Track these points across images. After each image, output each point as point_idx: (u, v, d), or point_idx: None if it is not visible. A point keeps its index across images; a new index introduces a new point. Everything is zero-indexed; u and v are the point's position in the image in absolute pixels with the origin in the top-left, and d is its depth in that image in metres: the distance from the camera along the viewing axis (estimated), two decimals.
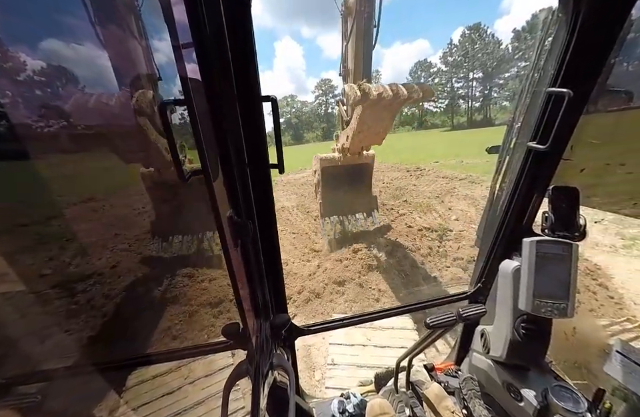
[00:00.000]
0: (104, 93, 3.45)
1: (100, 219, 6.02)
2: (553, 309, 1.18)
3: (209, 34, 0.68)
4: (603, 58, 1.05)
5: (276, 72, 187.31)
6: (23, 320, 2.78)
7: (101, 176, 5.69)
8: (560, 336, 3.37)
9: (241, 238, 0.89)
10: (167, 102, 0.72)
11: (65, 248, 4.94)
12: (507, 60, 62.09)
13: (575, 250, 1.18)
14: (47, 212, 4.90)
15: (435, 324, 1.19)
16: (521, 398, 1.27)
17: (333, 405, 1.58)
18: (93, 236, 5.55)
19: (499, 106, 65.56)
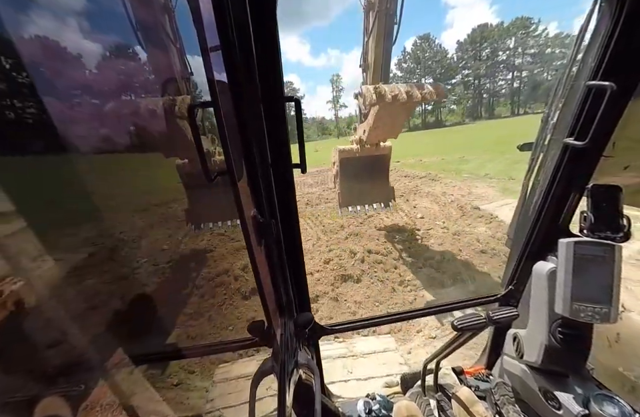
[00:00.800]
0: (151, 100, 3.88)
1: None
2: (593, 313, 1.11)
3: (236, 37, 0.70)
4: None
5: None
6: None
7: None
8: (602, 342, 3.17)
9: (264, 237, 0.90)
10: (195, 105, 0.74)
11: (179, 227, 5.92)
12: (453, 67, 68.24)
13: (617, 252, 1.11)
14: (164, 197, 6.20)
15: (463, 327, 1.16)
16: (559, 405, 1.20)
17: (359, 405, 1.58)
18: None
19: (448, 110, 74.89)
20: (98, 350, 2.97)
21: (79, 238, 6.29)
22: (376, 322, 1.56)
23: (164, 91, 4.89)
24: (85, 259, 5.96)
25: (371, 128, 4.85)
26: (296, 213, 1.12)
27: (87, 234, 6.25)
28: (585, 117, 1.13)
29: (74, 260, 5.88)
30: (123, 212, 7.33)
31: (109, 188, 6.18)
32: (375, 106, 4.39)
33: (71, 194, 4.66)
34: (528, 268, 1.44)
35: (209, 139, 5.83)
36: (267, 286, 0.94)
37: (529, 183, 1.53)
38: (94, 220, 6.42)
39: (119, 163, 5.56)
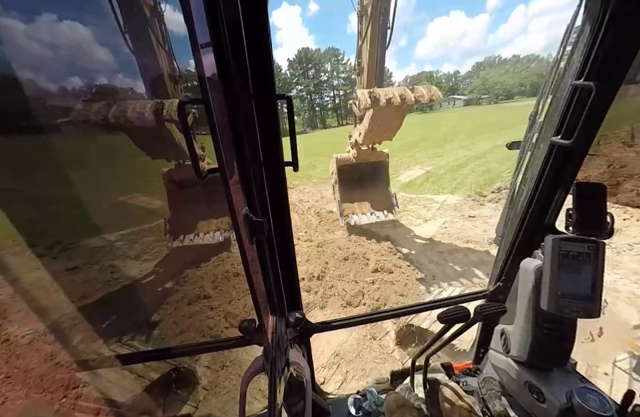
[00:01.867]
0: (138, 102, 3.86)
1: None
2: (577, 309, 1.14)
3: (227, 34, 0.69)
4: (633, 50, 1.00)
5: None
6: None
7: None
8: (585, 336, 3.27)
9: (256, 235, 0.90)
10: (185, 102, 0.73)
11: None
12: (288, 82, 77.97)
13: (601, 248, 1.14)
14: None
15: (447, 319, 1.16)
16: (543, 399, 1.24)
17: (349, 402, 1.59)
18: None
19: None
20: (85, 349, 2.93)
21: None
22: (366, 320, 1.58)
23: (152, 93, 4.91)
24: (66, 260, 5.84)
25: (366, 131, 4.96)
26: (288, 211, 1.12)
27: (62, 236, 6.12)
28: (570, 116, 1.15)
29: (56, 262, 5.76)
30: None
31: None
32: (369, 109, 4.49)
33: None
34: (515, 265, 1.47)
35: (199, 146, 5.84)
36: (258, 284, 0.94)
37: (517, 181, 1.56)
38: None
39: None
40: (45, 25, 3.50)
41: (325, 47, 79.52)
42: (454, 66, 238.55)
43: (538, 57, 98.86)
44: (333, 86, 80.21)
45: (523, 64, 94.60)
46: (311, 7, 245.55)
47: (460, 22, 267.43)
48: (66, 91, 11.24)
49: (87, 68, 4.22)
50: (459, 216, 7.66)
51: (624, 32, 0.97)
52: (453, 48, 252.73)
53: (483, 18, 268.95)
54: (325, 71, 79.11)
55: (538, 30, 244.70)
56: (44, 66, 6.38)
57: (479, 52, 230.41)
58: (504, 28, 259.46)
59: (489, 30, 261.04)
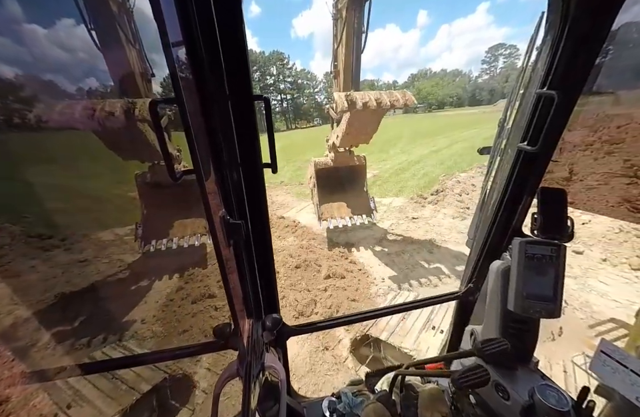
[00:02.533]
0: (108, 102, 3.69)
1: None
2: (540, 309, 1.19)
3: (200, 33, 0.68)
4: (591, 60, 1.06)
5: None
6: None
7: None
8: (547, 336, 3.45)
9: (233, 238, 0.88)
10: (157, 101, 0.71)
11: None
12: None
13: (562, 251, 1.20)
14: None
15: (466, 385, 1.06)
16: (508, 396, 1.28)
17: (324, 405, 1.58)
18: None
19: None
20: (42, 357, 2.75)
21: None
22: (342, 322, 1.58)
23: (123, 92, 4.75)
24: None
25: (343, 133, 4.98)
26: (266, 213, 1.10)
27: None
28: (535, 123, 1.20)
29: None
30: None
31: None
32: (346, 112, 4.51)
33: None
34: (485, 267, 1.52)
35: (175, 147, 5.65)
36: (234, 287, 0.92)
37: (487, 185, 1.62)
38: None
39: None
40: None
41: (269, 51, 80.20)
42: (392, 76, 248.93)
43: (461, 72, 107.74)
44: (280, 89, 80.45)
45: (450, 78, 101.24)
46: (252, 9, 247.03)
47: (395, 35, 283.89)
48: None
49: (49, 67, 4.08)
50: (403, 218, 8.11)
51: (582, 44, 1.03)
52: (390, 59, 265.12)
53: (414, 33, 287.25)
54: (271, 74, 79.31)
55: (460, 47, 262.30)
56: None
57: (414, 65, 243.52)
58: (432, 44, 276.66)
59: (420, 44, 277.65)
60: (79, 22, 4.02)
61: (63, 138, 4.00)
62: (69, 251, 6.37)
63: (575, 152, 1.54)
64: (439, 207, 8.62)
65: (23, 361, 1.08)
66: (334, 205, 6.26)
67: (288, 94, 80.00)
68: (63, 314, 4.35)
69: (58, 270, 5.56)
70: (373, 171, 13.96)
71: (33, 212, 7.43)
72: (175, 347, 1.25)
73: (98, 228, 7.32)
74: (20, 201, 7.97)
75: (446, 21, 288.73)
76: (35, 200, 7.79)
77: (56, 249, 6.34)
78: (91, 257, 6.10)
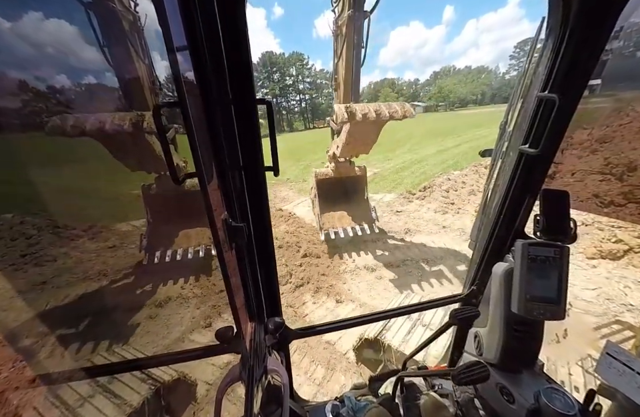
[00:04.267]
0: (118, 114, 3.83)
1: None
2: (545, 311, 1.19)
3: (204, 38, 0.68)
4: (592, 64, 1.07)
5: None
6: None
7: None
8: (552, 338, 3.42)
9: (235, 241, 0.88)
10: (161, 105, 0.72)
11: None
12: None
13: (566, 253, 1.19)
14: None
15: (465, 380, 1.08)
16: (513, 400, 1.27)
17: (327, 409, 1.57)
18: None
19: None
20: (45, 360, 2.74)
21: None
22: (345, 325, 1.58)
23: (130, 106, 4.88)
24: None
25: (343, 144, 5.14)
26: (268, 217, 1.11)
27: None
28: (537, 126, 1.21)
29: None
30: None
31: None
32: (346, 123, 4.62)
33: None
34: (488, 269, 1.52)
35: (181, 159, 5.71)
36: (237, 291, 0.92)
37: (489, 188, 1.62)
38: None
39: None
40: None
41: (290, 51, 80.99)
42: (416, 74, 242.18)
43: (487, 69, 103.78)
44: (299, 90, 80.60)
45: (474, 75, 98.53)
46: (275, 10, 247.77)
47: (419, 32, 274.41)
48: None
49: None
50: (388, 211, 8.75)
51: (583, 48, 1.04)
52: (413, 57, 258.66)
53: (439, 30, 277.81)
54: (290, 75, 79.54)
55: (487, 43, 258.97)
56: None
57: (437, 62, 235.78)
58: (458, 41, 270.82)
59: (445, 41, 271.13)
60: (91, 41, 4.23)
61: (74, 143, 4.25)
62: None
63: (567, 151, 1.55)
64: (425, 202, 9.15)
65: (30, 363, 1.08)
66: (335, 215, 6.41)
67: (307, 95, 79.73)
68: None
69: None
70: (375, 169, 14.24)
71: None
72: (177, 351, 1.25)
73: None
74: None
75: (473, 16, 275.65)
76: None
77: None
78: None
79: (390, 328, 3.05)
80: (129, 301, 4.86)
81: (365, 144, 5.37)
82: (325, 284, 5.30)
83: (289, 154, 22.76)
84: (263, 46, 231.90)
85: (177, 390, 2.88)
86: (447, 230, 7.19)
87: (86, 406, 2.34)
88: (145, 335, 4.15)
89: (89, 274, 5.54)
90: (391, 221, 8.04)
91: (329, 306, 4.79)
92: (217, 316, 4.52)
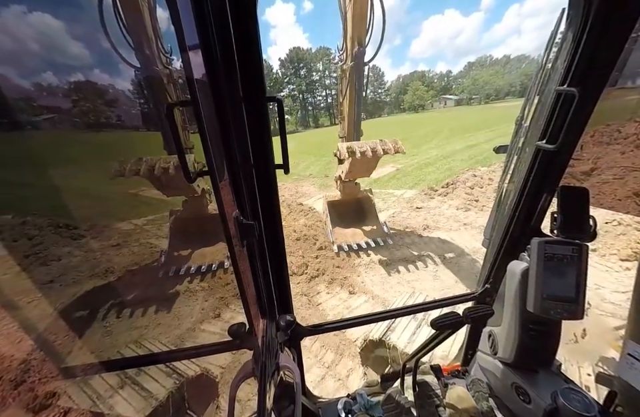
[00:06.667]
0: (161, 158, 4.66)
1: None
2: (562, 310, 1.16)
3: (216, 36, 0.69)
4: (614, 57, 1.03)
5: None
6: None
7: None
8: (569, 337, 3.34)
9: (246, 238, 0.89)
10: (173, 103, 0.73)
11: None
12: (280, 82, 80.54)
13: (584, 251, 1.16)
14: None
15: (442, 325, 1.18)
16: (529, 400, 1.25)
17: (339, 406, 1.58)
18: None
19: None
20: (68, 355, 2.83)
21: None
22: (356, 322, 1.58)
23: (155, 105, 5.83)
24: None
25: (347, 171, 6.17)
26: (279, 214, 1.11)
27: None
28: (555, 121, 1.17)
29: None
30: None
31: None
32: (348, 158, 5.55)
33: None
34: (503, 267, 1.49)
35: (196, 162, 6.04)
36: (248, 288, 0.93)
37: (504, 184, 1.58)
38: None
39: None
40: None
41: (318, 46, 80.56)
42: (449, 66, 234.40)
43: (528, 58, 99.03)
44: (325, 85, 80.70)
45: (513, 65, 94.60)
46: (305, 6, 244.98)
47: (454, 21, 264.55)
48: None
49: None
50: (408, 208, 8.72)
51: (604, 40, 1.00)
52: (446, 47, 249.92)
53: (477, 17, 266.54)
54: (317, 71, 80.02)
55: (531, 30, 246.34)
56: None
57: (472, 52, 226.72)
58: (497, 28, 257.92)
59: (483, 29, 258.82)
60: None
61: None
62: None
63: (603, 146, 1.49)
64: (447, 199, 8.99)
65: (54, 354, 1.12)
66: (347, 232, 6.82)
67: (333, 90, 79.47)
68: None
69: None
70: (398, 165, 14.29)
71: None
72: (191, 346, 1.27)
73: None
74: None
75: (516, 0, 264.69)
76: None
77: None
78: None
79: (395, 328, 3.03)
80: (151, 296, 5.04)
81: (366, 171, 6.27)
82: (340, 276, 5.45)
83: (312, 150, 22.82)
84: (292, 42, 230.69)
85: (193, 384, 2.93)
86: (468, 227, 7.05)
87: (108, 398, 2.40)
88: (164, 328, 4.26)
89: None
90: (409, 217, 7.97)
91: (342, 297, 4.91)
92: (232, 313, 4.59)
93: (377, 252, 6.18)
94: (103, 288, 5.23)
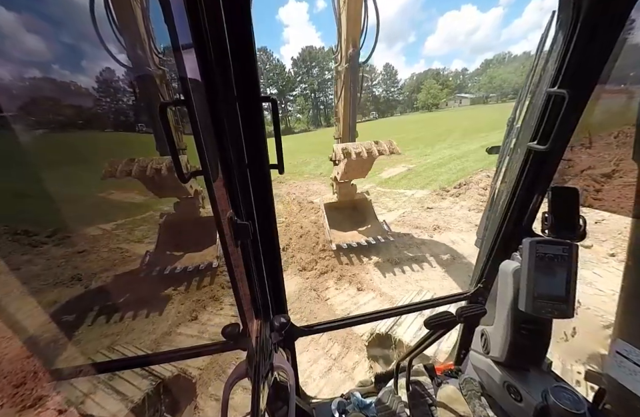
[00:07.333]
0: (153, 159, 4.66)
1: None
2: (552, 309, 1.18)
3: (209, 35, 0.68)
4: (603, 59, 1.05)
5: None
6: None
7: None
8: (560, 336, 3.38)
9: (240, 238, 0.89)
10: (167, 103, 0.72)
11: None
12: (292, 81, 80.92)
13: (574, 251, 1.18)
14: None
15: (434, 324, 1.19)
16: (520, 398, 1.27)
17: (333, 406, 1.58)
18: None
19: (295, 118, 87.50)
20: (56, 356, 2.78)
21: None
22: (352, 322, 1.58)
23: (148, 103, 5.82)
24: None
25: (342, 172, 6.27)
26: (273, 214, 1.11)
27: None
28: (546, 122, 1.19)
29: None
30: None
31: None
32: (344, 160, 5.62)
33: None
34: (495, 267, 1.50)
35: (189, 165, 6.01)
36: (242, 288, 0.93)
37: (497, 185, 1.60)
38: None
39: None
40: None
41: (331, 44, 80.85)
42: (464, 63, 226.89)
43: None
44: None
45: (535, 62, 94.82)
46: (318, 4, 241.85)
47: (471, 16, 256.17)
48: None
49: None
50: (418, 208, 8.71)
51: (594, 43, 1.02)
52: (463, 44, 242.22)
53: (495, 13, 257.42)
54: (329, 69, 79.29)
55: (554, 24, 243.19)
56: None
57: (490, 49, 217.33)
58: (517, 23, 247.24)
59: (501, 25, 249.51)
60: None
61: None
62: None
63: (627, 147, 1.49)
64: (459, 199, 8.90)
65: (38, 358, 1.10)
66: (346, 233, 6.80)
67: None
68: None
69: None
70: (409, 165, 14.32)
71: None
72: (183, 347, 1.26)
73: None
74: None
75: None
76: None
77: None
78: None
79: (401, 323, 3.06)
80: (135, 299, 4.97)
81: (361, 172, 6.38)
82: (348, 273, 5.55)
83: (323, 149, 22.66)
84: (304, 41, 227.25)
85: (180, 385, 2.89)
86: None
87: (89, 401, 2.36)
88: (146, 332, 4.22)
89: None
90: (419, 217, 7.96)
91: (350, 293, 5.01)
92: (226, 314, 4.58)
93: (383, 252, 6.21)
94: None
